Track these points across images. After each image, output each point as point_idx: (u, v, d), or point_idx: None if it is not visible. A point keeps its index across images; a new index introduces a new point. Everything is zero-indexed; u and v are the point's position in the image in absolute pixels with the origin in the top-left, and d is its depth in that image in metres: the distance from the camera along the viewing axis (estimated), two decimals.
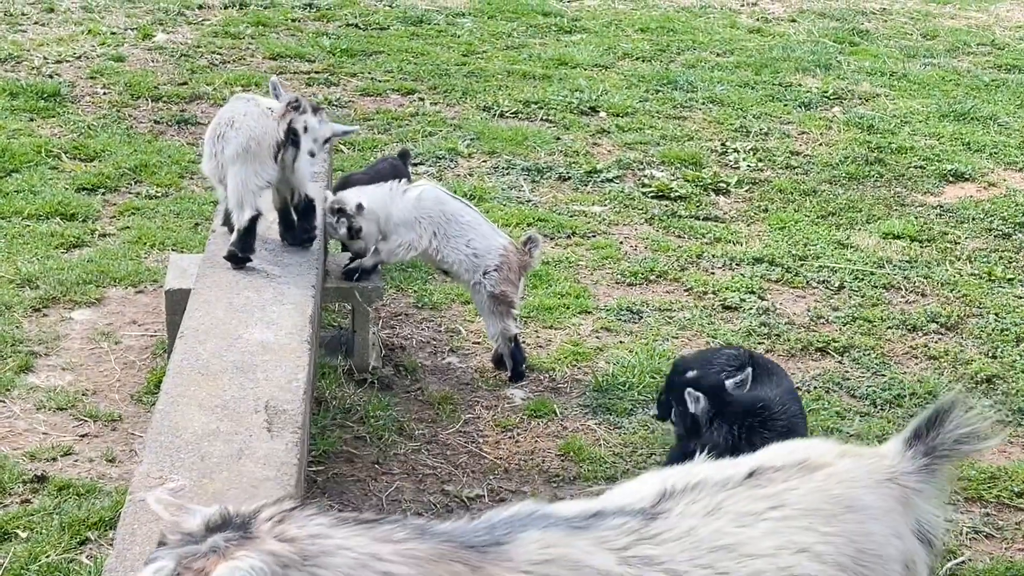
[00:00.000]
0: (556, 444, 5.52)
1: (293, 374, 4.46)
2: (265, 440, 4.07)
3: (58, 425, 5.43)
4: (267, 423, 4.17)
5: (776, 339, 6.52)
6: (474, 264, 5.79)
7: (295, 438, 4.10)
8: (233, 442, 4.04)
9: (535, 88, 10.14)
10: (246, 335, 4.71)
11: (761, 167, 8.89)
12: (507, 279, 5.82)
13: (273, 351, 4.61)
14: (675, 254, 7.44)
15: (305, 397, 4.38)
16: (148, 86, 9.56)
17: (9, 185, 7.74)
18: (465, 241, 5.80)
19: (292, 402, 4.29)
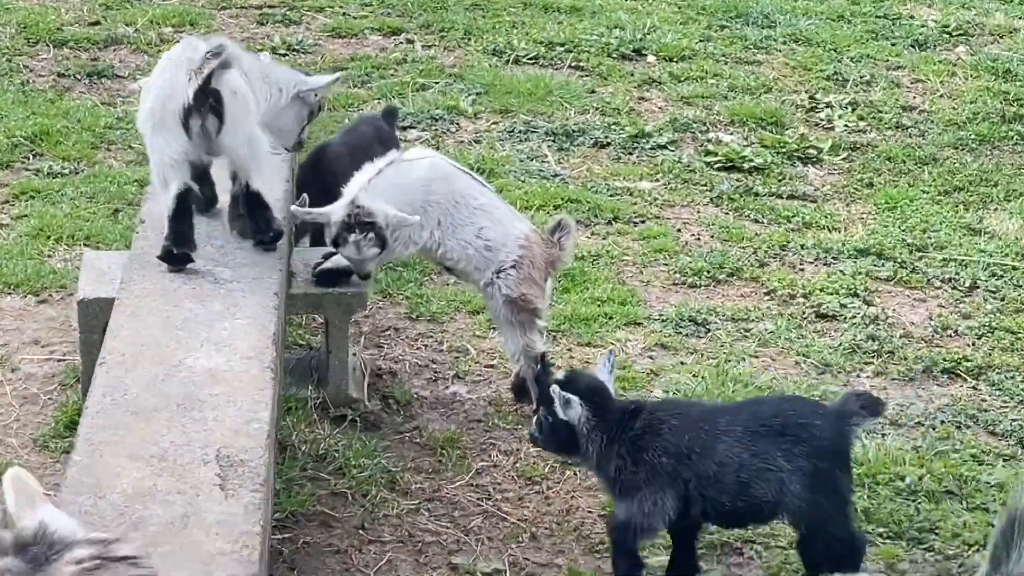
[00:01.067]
0: (598, 501, 5.50)
1: (252, 412, 4.44)
2: (218, 501, 4.06)
3: None
4: (220, 478, 4.15)
5: (889, 358, 6.49)
6: (486, 259, 5.76)
7: (257, 498, 4.08)
8: (175, 504, 4.03)
9: (560, 25, 10.13)
10: (189, 360, 4.70)
11: (863, 127, 8.87)
12: (529, 278, 5.80)
13: (225, 381, 4.59)
14: (751, 245, 7.42)
15: (269, 442, 4.37)
16: (49, 27, 9.57)
17: None
18: (475, 230, 5.77)
19: (252, 449, 4.28)
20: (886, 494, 5.50)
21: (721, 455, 4.80)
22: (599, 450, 4.92)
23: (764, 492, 4.77)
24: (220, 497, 4.08)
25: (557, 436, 4.98)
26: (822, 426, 4.80)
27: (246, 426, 4.40)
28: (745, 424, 4.84)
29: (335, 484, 5.47)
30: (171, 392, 4.54)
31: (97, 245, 6.99)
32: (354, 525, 5.31)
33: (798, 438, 4.77)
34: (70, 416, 5.72)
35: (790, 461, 4.75)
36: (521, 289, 5.75)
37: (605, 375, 5.08)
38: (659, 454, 4.83)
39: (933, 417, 6.07)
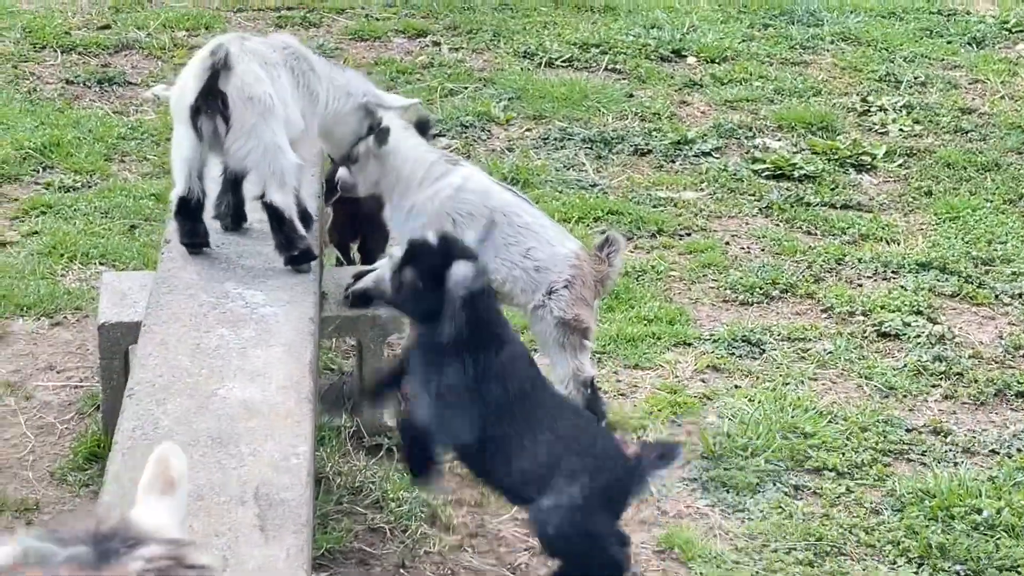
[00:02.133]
0: (653, 536, 5.45)
1: (291, 447, 4.40)
2: (258, 544, 4.01)
3: None
4: (259, 519, 4.10)
5: (958, 380, 6.43)
6: (535, 281, 5.70)
7: (299, 540, 4.04)
8: (213, 548, 3.97)
9: (595, 25, 10.10)
10: (222, 391, 4.65)
11: (919, 132, 8.82)
12: (581, 298, 5.74)
13: (262, 414, 4.55)
14: (805, 258, 7.37)
15: (309, 479, 4.32)
16: (56, 32, 9.57)
17: None
18: (523, 250, 5.71)
19: (291, 488, 4.23)
20: (962, 528, 5.43)
21: (521, 440, 4.89)
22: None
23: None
24: (260, 540, 4.03)
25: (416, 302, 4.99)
26: (613, 467, 4.89)
27: (285, 462, 4.35)
28: (554, 429, 4.92)
29: (372, 519, 5.42)
30: (205, 426, 4.49)
31: (114, 264, 6.97)
32: (394, 563, 5.25)
33: (585, 467, 4.84)
34: (89, 447, 5.68)
35: (568, 485, 4.81)
36: (575, 310, 5.68)
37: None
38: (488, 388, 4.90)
39: (1009, 444, 6.00)
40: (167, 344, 4.91)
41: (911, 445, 5.98)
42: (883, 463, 5.85)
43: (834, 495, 5.65)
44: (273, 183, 5.44)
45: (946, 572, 5.25)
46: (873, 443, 5.94)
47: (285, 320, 5.08)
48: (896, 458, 5.91)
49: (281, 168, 5.44)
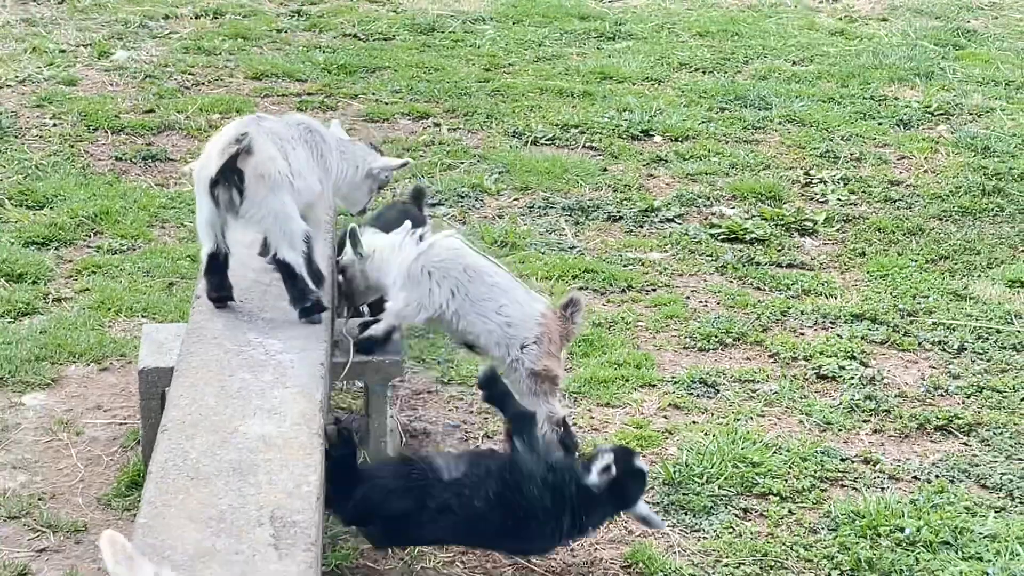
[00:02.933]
0: (619, 553, 5.44)
1: (303, 476, 4.41)
2: (273, 560, 4.02)
3: (9, 538, 5.38)
4: (274, 539, 4.11)
5: (885, 416, 6.44)
6: (508, 336, 5.71)
7: (309, 557, 4.04)
8: (233, 564, 3.99)
9: (574, 108, 10.14)
10: (243, 427, 4.66)
11: (854, 201, 8.85)
12: (549, 352, 5.76)
13: (277, 447, 4.56)
14: (755, 311, 7.38)
15: (319, 504, 4.33)
16: (107, 115, 9.60)
17: None
18: (496, 307, 5.73)
19: (304, 511, 4.24)
20: (887, 545, 5.43)
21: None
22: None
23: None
24: (275, 557, 4.04)
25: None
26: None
27: (297, 489, 4.35)
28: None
29: None
30: (228, 457, 4.50)
31: (153, 316, 6.98)
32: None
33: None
34: (131, 476, 5.69)
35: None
36: (543, 362, 5.71)
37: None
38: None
39: (928, 472, 6.00)
40: (196, 386, 4.92)
41: (845, 473, 5.98)
42: (821, 488, 5.86)
43: (778, 516, 5.65)
44: (284, 243, 5.45)
45: None
46: (812, 471, 5.95)
47: (300, 365, 5.09)
48: (832, 484, 5.91)
49: (291, 231, 5.45)
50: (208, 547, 4.06)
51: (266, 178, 5.38)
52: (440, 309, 5.73)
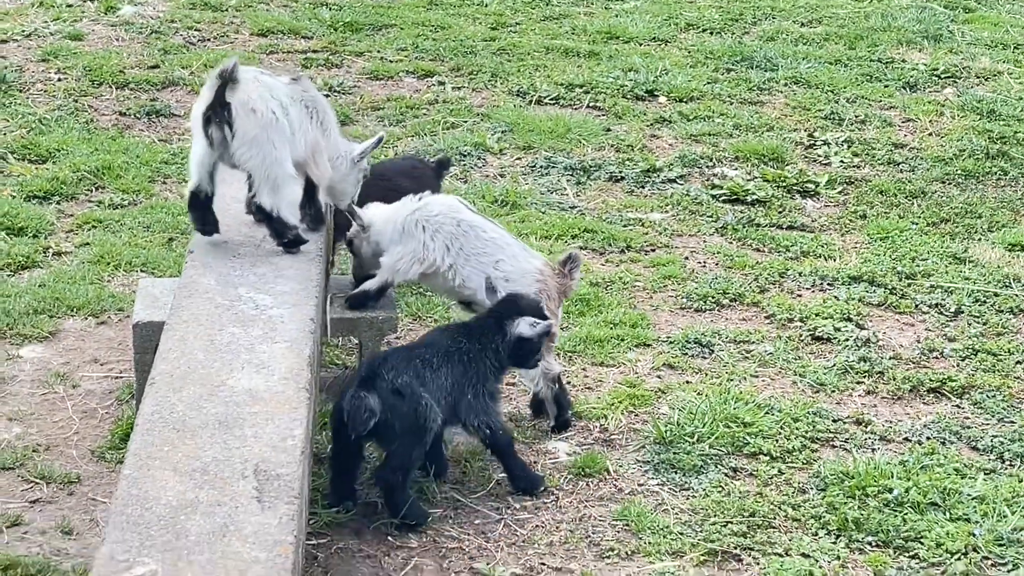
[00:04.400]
0: (610, 510, 5.46)
1: (288, 430, 4.43)
2: (255, 512, 4.04)
3: (3, 488, 5.42)
4: (257, 491, 4.13)
5: (879, 378, 6.44)
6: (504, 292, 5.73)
7: (291, 510, 4.07)
8: (215, 515, 4.01)
9: (579, 68, 10.12)
10: (231, 381, 4.68)
11: (857, 163, 8.83)
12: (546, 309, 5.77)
13: (264, 401, 4.58)
14: (753, 272, 7.38)
15: (303, 458, 4.35)
16: (112, 70, 9.60)
17: None
18: (492, 262, 5.74)
19: (287, 465, 4.26)
20: (875, 505, 5.44)
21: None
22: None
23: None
24: (257, 509, 4.06)
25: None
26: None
27: (282, 443, 4.38)
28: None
29: (366, 494, 5.43)
30: (214, 411, 4.52)
31: (153, 271, 7.01)
32: (384, 533, 5.27)
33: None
34: (125, 430, 5.72)
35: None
36: None
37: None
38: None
39: (919, 433, 6.01)
40: (185, 340, 4.94)
41: (836, 433, 5.99)
42: (811, 449, 5.87)
43: (767, 476, 5.66)
44: (266, 188, 5.52)
45: (859, 542, 5.27)
46: (803, 432, 5.96)
47: (290, 320, 5.10)
48: (823, 444, 5.92)
49: (277, 176, 5.50)
50: (191, 499, 4.09)
51: (257, 114, 5.42)
52: (435, 264, 5.75)
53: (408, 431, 5.16)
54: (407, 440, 5.17)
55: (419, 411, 5.16)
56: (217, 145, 5.45)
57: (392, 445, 5.19)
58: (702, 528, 5.35)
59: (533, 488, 5.51)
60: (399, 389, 5.12)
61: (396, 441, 5.17)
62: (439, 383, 5.26)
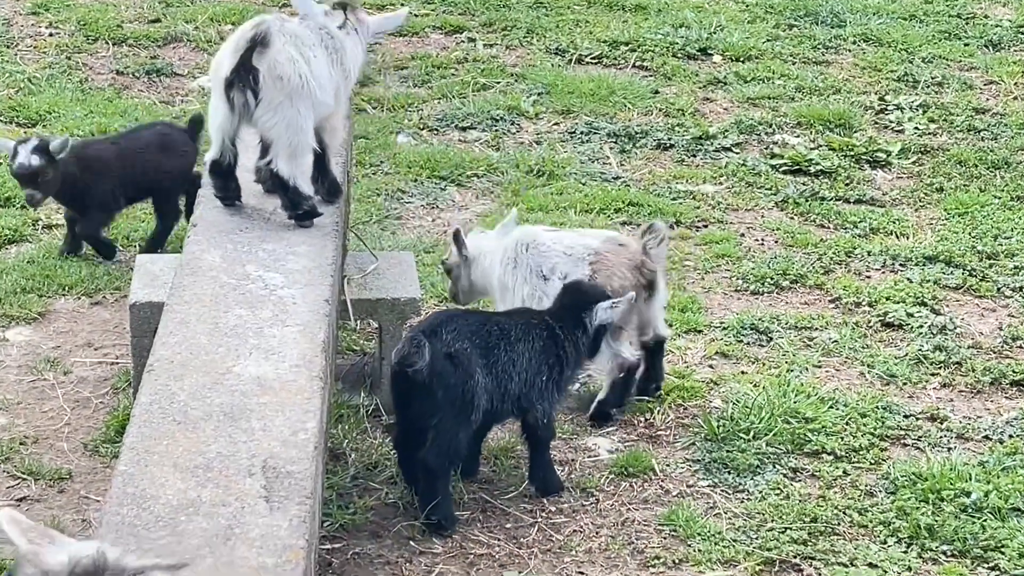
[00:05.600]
0: (655, 514, 5.46)
1: (300, 423, 4.42)
2: (263, 514, 4.03)
3: None
4: (265, 490, 4.12)
5: (956, 369, 6.41)
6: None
7: (303, 511, 4.06)
8: (219, 516, 4.01)
9: (625, 24, 10.09)
10: (237, 368, 4.68)
11: (934, 130, 8.78)
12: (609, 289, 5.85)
13: (273, 391, 4.57)
14: (816, 250, 7.35)
15: (316, 454, 4.34)
16: (108, 24, 9.63)
17: None
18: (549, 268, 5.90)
19: (299, 461, 4.25)
20: (950, 511, 5.41)
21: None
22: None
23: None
24: (265, 510, 4.05)
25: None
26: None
27: (293, 437, 4.37)
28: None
29: (386, 494, 5.45)
30: (218, 401, 4.52)
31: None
32: (405, 536, 5.27)
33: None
34: (121, 421, 5.73)
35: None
36: None
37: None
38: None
39: (1001, 431, 5.97)
40: (187, 323, 4.94)
41: (908, 431, 5.96)
42: (880, 447, 5.84)
43: (831, 477, 5.64)
44: (284, 154, 5.58)
45: (933, 552, 5.25)
46: (871, 428, 5.93)
47: (302, 302, 5.10)
48: (893, 443, 5.90)
49: (296, 144, 5.58)
50: (193, 498, 4.08)
51: (284, 81, 5.50)
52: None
53: (451, 403, 5.18)
54: (449, 415, 5.19)
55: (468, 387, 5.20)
56: (239, 110, 5.51)
57: (434, 418, 5.20)
58: (758, 535, 5.34)
59: (552, 491, 5.54)
60: (453, 354, 5.16)
61: (438, 414, 5.19)
62: (512, 357, 5.33)
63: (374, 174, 7.97)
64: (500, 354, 5.31)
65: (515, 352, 5.35)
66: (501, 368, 5.31)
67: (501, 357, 5.31)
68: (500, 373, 5.31)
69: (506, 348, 5.33)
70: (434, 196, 7.80)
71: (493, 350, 5.30)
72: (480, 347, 5.27)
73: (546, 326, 5.47)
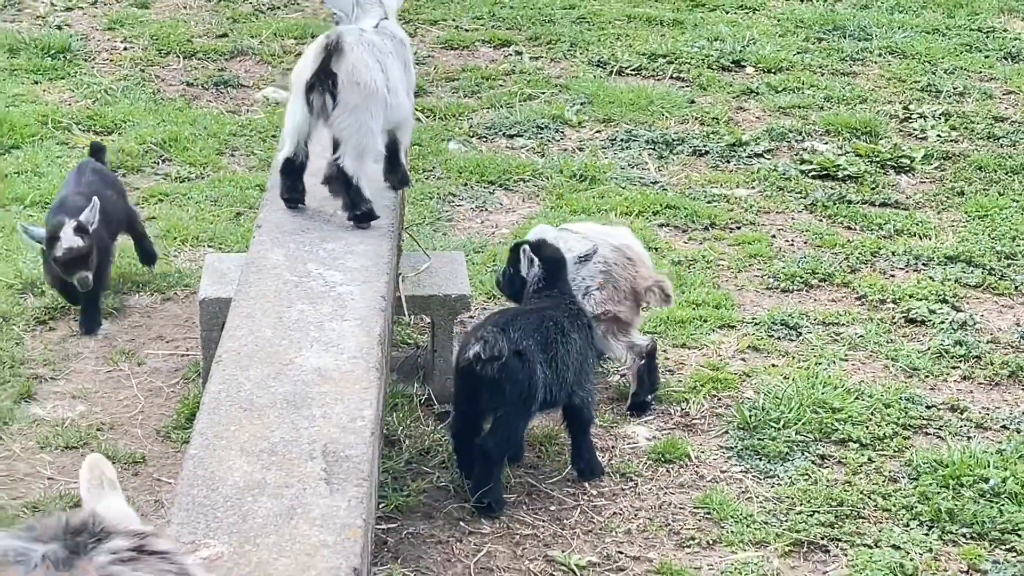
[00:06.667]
0: (690, 498, 5.46)
1: (358, 410, 4.46)
2: (323, 495, 4.07)
3: (67, 468, 5.50)
4: (325, 473, 4.16)
5: (976, 362, 6.38)
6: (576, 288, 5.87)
7: (360, 492, 4.09)
8: (283, 497, 4.05)
9: (663, 37, 10.09)
10: (299, 360, 4.72)
11: (955, 137, 8.74)
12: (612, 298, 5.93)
13: (333, 380, 4.61)
14: (843, 251, 7.33)
15: (373, 439, 4.38)
16: (179, 39, 9.69)
17: (8, 165, 7.88)
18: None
19: (357, 446, 4.29)
20: (970, 496, 5.40)
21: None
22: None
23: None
24: (325, 491, 4.09)
25: (512, 287, 5.76)
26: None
27: (351, 423, 4.40)
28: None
29: (438, 478, 5.48)
30: (282, 390, 4.56)
31: (220, 246, 7.07)
32: (456, 518, 5.30)
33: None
34: (191, 408, 5.78)
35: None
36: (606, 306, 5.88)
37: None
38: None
39: (1018, 421, 5.95)
40: (253, 317, 4.98)
41: (930, 420, 5.95)
42: (903, 436, 5.83)
43: (856, 464, 5.63)
44: (352, 153, 5.62)
45: (953, 534, 5.23)
46: (895, 418, 5.92)
47: (360, 297, 5.14)
48: (915, 432, 5.88)
49: (365, 146, 5.63)
50: (258, 480, 4.12)
51: (361, 86, 5.57)
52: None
53: (517, 398, 5.22)
54: (514, 409, 5.23)
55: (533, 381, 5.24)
56: (317, 112, 5.59)
57: (499, 411, 5.24)
58: (787, 517, 5.34)
59: (593, 474, 5.55)
60: (521, 352, 5.21)
61: (504, 407, 5.23)
62: (568, 348, 5.39)
63: (427, 179, 8.01)
64: (557, 347, 5.35)
65: (568, 343, 5.39)
66: (560, 360, 5.35)
67: (559, 350, 5.35)
68: (559, 365, 5.35)
69: (561, 341, 5.37)
70: (483, 199, 7.83)
71: (551, 344, 5.34)
72: (541, 343, 5.31)
73: (581, 312, 5.51)
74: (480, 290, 6.75)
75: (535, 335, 5.27)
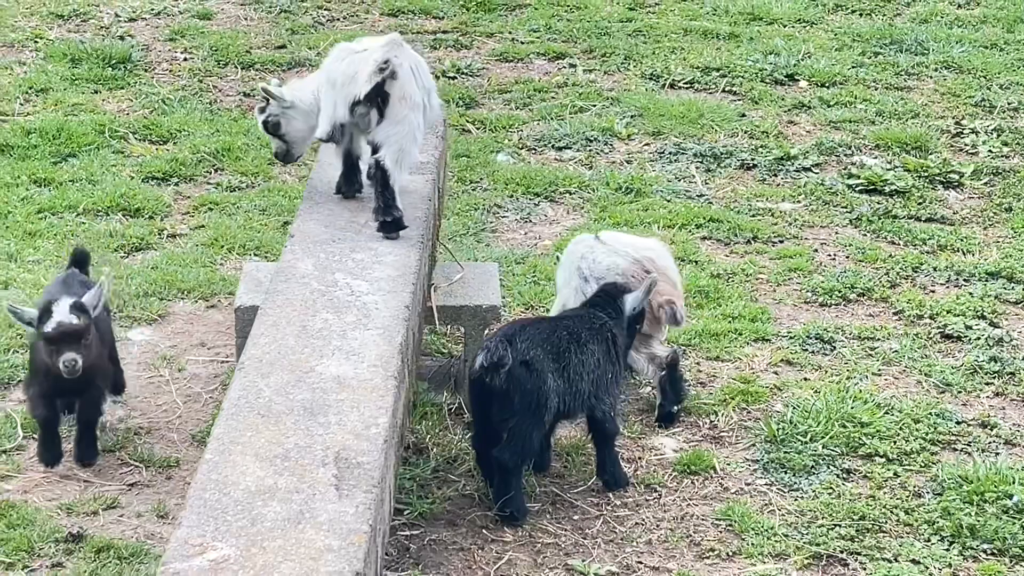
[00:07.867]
0: (713, 509, 5.49)
1: (373, 418, 4.53)
2: (331, 500, 4.15)
3: (102, 471, 5.61)
4: (336, 479, 4.24)
5: (1010, 379, 6.36)
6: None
7: (369, 498, 4.17)
8: (292, 502, 4.13)
9: (718, 51, 10.11)
10: (319, 367, 4.81)
11: (1007, 153, 8.70)
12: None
13: (351, 388, 4.69)
14: (884, 266, 7.32)
15: (386, 446, 4.45)
16: (238, 50, 9.83)
17: (64, 173, 8.04)
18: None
19: (368, 453, 4.37)
20: (992, 512, 5.39)
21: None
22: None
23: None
24: (334, 497, 4.17)
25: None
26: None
27: (366, 430, 4.48)
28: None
29: (463, 486, 5.54)
30: (300, 397, 4.65)
31: (266, 255, 7.18)
32: (479, 526, 5.36)
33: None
34: None
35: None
36: None
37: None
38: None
39: None
40: (278, 325, 5.08)
41: (959, 436, 5.93)
42: (931, 451, 5.82)
43: (881, 479, 5.64)
44: (393, 155, 5.78)
45: (974, 550, 5.23)
46: (923, 433, 5.91)
47: (384, 307, 5.21)
48: (943, 447, 5.88)
49: (405, 151, 5.81)
50: (269, 485, 4.21)
51: (408, 99, 5.78)
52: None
53: (526, 408, 5.28)
54: (524, 417, 5.29)
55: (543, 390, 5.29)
56: (358, 119, 5.82)
57: (510, 420, 5.30)
58: (808, 530, 5.35)
59: (618, 485, 5.59)
60: (528, 362, 5.26)
61: (514, 417, 5.29)
62: (584, 358, 5.43)
63: (473, 190, 8.08)
64: (571, 357, 5.39)
65: (585, 353, 5.43)
66: (573, 370, 5.40)
67: (572, 360, 5.39)
68: (572, 375, 5.39)
69: (576, 351, 5.42)
70: (528, 211, 7.89)
71: (564, 354, 5.39)
72: (552, 352, 5.36)
73: (603, 325, 5.55)
74: (518, 301, 6.82)
75: (544, 345, 5.32)
